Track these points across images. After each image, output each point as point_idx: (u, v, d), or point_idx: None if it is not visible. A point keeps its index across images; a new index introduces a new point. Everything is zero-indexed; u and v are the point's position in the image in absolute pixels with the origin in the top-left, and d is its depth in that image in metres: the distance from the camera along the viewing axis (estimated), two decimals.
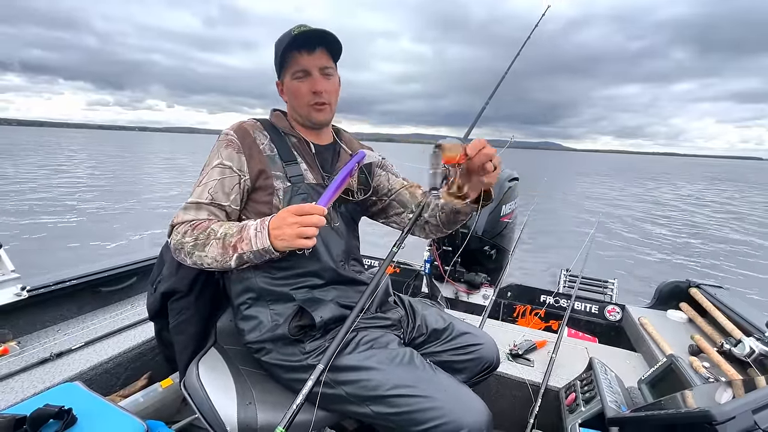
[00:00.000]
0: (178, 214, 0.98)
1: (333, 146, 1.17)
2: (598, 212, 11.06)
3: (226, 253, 0.90)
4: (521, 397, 1.48)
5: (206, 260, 0.92)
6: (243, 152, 1.01)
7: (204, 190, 0.99)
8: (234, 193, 1.01)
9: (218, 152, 1.01)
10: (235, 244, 0.89)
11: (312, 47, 1.01)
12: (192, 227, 0.95)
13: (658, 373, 1.14)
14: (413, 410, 0.86)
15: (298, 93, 1.05)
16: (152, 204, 11.34)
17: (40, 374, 1.26)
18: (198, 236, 0.92)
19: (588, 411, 1.05)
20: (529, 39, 1.38)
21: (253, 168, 1.01)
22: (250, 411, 0.92)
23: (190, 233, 0.93)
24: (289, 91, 1.07)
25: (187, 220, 0.97)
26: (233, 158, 1.00)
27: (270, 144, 1.05)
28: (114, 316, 1.68)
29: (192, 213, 0.97)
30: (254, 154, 1.02)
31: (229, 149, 1.01)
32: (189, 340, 1.12)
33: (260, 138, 1.05)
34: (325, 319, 0.99)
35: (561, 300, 2.32)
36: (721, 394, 0.81)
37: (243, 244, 0.89)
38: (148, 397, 1.33)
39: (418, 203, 1.17)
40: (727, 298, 1.84)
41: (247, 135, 1.03)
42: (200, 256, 0.92)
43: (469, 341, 1.13)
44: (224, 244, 0.90)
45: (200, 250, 0.92)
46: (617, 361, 1.64)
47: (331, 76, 1.06)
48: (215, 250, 0.91)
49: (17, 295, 1.42)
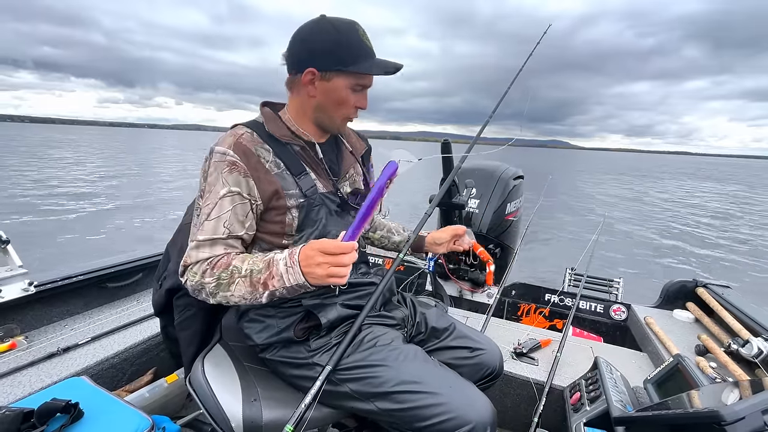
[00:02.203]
0: (191, 254, 0.90)
1: (334, 141, 1.12)
2: (604, 211, 10.98)
3: (255, 291, 0.86)
4: (525, 396, 1.47)
5: (233, 299, 0.87)
6: (250, 175, 0.91)
7: (218, 224, 0.90)
8: (249, 220, 0.94)
9: (222, 178, 0.90)
10: (265, 281, 0.85)
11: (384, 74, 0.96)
12: (211, 266, 0.88)
13: (664, 373, 1.13)
14: (418, 406, 0.86)
15: (344, 102, 0.96)
16: (161, 199, 11.40)
17: (47, 369, 1.28)
18: (220, 275, 0.87)
19: (593, 410, 1.04)
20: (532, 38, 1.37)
21: (264, 191, 0.93)
22: (255, 408, 0.92)
23: (209, 273, 0.87)
24: (333, 95, 0.95)
25: (203, 259, 0.89)
26: (241, 183, 0.91)
27: (275, 159, 0.95)
28: (120, 312, 1.70)
29: (207, 251, 0.90)
30: (262, 176, 0.92)
31: (234, 174, 0.90)
32: (194, 336, 1.12)
33: (264, 155, 0.94)
34: (331, 320, 0.99)
35: (566, 299, 2.31)
36: (729, 395, 0.80)
37: (274, 281, 0.84)
38: (153, 392, 1.34)
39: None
40: (734, 297, 1.82)
41: (250, 154, 0.92)
42: (225, 296, 0.87)
43: (469, 345, 1.12)
44: (252, 282, 0.85)
45: (225, 290, 0.87)
46: (622, 360, 1.63)
47: None
48: (242, 288, 0.86)
49: (25, 290, 1.43)
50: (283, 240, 0.99)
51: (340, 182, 1.06)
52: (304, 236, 0.98)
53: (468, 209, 2.37)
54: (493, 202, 2.38)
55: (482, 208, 2.38)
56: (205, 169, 0.93)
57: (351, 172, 1.11)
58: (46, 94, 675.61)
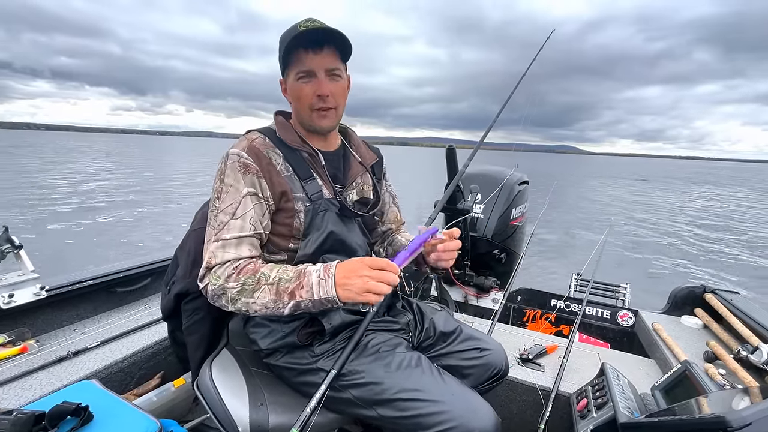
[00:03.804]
0: (216, 254, 0.88)
1: (341, 152, 1.12)
2: (611, 216, 10.90)
3: (279, 300, 0.83)
4: (531, 402, 1.46)
5: (254, 306, 0.85)
6: (263, 177, 0.94)
7: (245, 222, 0.91)
8: (266, 220, 0.96)
9: (238, 178, 0.92)
10: (293, 290, 0.83)
11: (319, 46, 0.92)
12: (237, 270, 0.87)
13: (672, 379, 1.12)
14: (420, 414, 0.86)
15: (301, 95, 0.96)
16: (170, 204, 11.51)
17: (57, 372, 1.29)
18: (246, 281, 0.85)
19: (600, 417, 1.04)
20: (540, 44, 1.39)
21: (275, 192, 0.96)
22: (261, 412, 0.93)
23: (235, 278, 0.86)
24: (293, 92, 0.98)
25: (229, 259, 0.88)
26: (255, 184, 0.94)
27: (285, 163, 0.98)
28: (128, 316, 1.71)
29: (233, 250, 0.89)
30: (274, 178, 0.95)
31: (249, 175, 0.93)
32: (201, 341, 1.13)
33: (274, 158, 0.98)
34: (335, 325, 1.00)
35: (572, 304, 2.29)
36: (738, 401, 0.79)
37: (302, 292, 0.82)
38: (160, 396, 1.35)
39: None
40: (743, 303, 1.80)
41: (262, 156, 0.95)
42: (247, 303, 0.85)
43: (477, 346, 1.12)
44: (278, 290, 0.84)
45: (248, 297, 0.84)
46: (630, 367, 1.61)
47: (338, 78, 0.98)
48: (267, 296, 0.84)
49: (36, 294, 1.46)
50: (290, 243, 1.00)
51: (346, 190, 1.08)
52: (310, 240, 0.99)
53: (473, 214, 2.37)
54: (498, 208, 2.38)
55: (487, 214, 2.38)
56: (221, 171, 0.95)
57: (358, 180, 1.12)
58: (61, 103, 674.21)
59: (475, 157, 1.35)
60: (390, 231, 1.28)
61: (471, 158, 1.28)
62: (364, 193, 1.12)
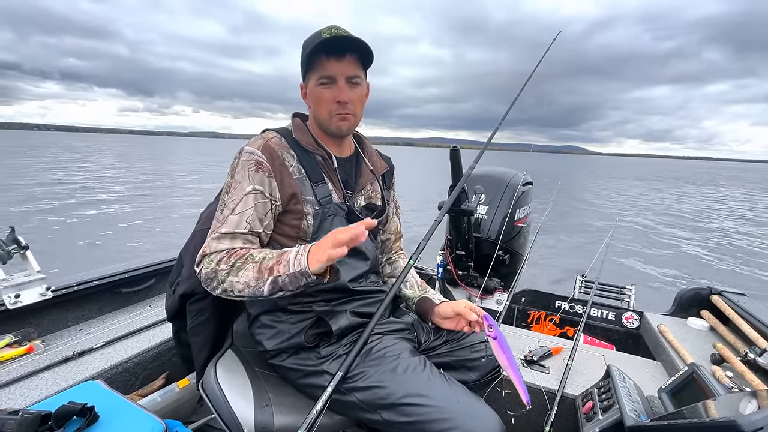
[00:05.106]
0: (210, 244, 0.93)
1: (354, 158, 1.14)
2: (616, 217, 10.84)
3: (261, 277, 0.85)
4: (536, 405, 1.45)
5: (238, 285, 0.87)
6: (274, 176, 0.96)
7: (241, 219, 0.94)
8: (268, 219, 0.98)
9: (248, 175, 0.95)
10: (272, 266, 0.85)
11: (341, 53, 0.95)
12: (228, 255, 0.91)
13: (679, 382, 1.11)
14: (424, 420, 0.86)
15: (321, 100, 0.99)
16: (175, 205, 11.56)
17: (63, 372, 1.30)
18: (234, 262, 0.89)
19: (606, 419, 1.03)
20: (546, 44, 1.38)
21: (284, 193, 0.97)
22: (266, 413, 0.93)
23: (225, 260, 0.90)
24: (313, 97, 1.01)
25: (222, 249, 0.92)
26: (264, 183, 0.96)
27: (298, 165, 1.00)
28: (133, 317, 1.72)
29: (227, 243, 0.93)
30: (285, 179, 0.97)
31: (260, 173, 0.95)
32: (206, 342, 1.13)
33: (288, 159, 1.00)
34: (342, 327, 1.00)
35: (577, 306, 2.28)
36: (746, 405, 0.78)
37: (280, 267, 0.84)
38: (165, 396, 1.36)
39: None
40: (750, 305, 1.78)
41: (276, 157, 0.97)
42: (232, 282, 0.87)
43: (481, 338, 1.13)
44: (260, 268, 0.86)
45: (234, 275, 0.87)
46: (635, 369, 1.60)
47: (358, 85, 1.00)
48: (250, 273, 0.86)
49: (42, 294, 1.46)
50: (296, 244, 1.00)
51: (355, 196, 1.09)
52: None
53: (477, 215, 2.36)
54: (502, 209, 2.37)
55: (491, 215, 2.37)
56: (233, 167, 0.98)
57: (368, 188, 1.14)
58: (70, 104, 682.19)
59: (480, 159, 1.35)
60: (388, 240, 1.28)
61: (477, 160, 1.28)
62: (372, 199, 1.14)
